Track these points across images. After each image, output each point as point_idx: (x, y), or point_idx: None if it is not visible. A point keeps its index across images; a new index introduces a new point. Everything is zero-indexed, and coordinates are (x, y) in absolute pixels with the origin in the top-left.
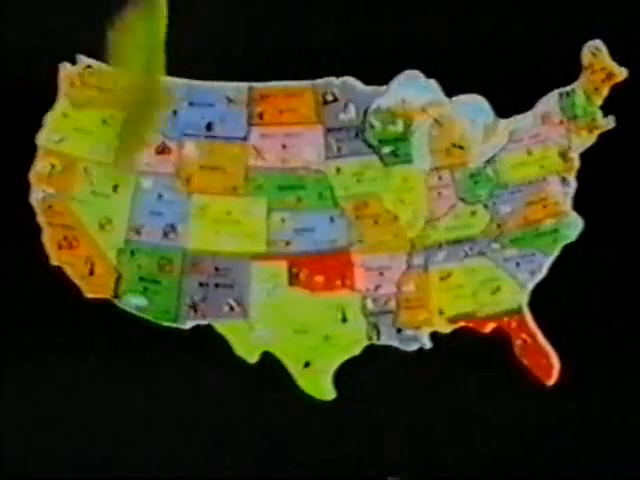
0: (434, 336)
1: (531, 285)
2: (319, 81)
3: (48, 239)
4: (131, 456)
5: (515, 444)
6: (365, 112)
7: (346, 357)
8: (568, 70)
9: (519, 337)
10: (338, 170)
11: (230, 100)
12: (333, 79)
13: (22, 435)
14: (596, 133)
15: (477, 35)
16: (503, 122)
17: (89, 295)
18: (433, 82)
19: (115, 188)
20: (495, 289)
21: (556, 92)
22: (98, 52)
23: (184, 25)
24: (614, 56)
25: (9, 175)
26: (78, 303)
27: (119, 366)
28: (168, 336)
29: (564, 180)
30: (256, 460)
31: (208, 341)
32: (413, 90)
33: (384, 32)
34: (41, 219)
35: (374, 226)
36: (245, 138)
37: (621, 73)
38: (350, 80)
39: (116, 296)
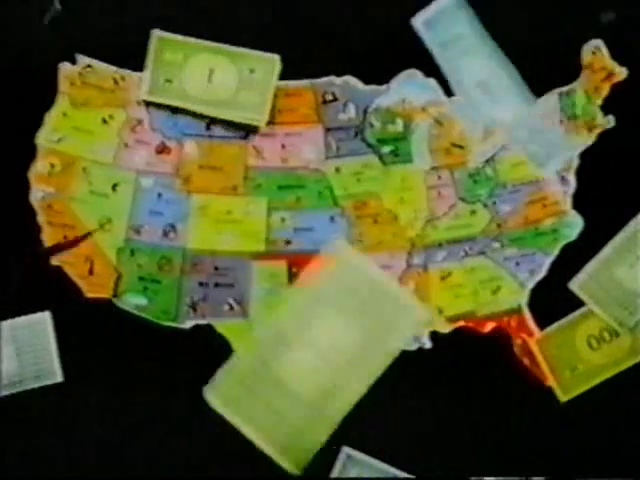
0: (434, 336)
1: (531, 284)
2: (319, 81)
3: (48, 239)
4: (130, 455)
5: (514, 443)
6: (365, 111)
7: None
8: (568, 70)
9: (519, 337)
10: (338, 170)
11: None
12: (333, 79)
13: (20, 434)
14: (596, 132)
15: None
16: None
17: (89, 295)
18: (433, 82)
19: (114, 187)
20: (495, 288)
21: (556, 91)
22: (98, 52)
23: (184, 24)
24: (614, 56)
25: (9, 175)
26: (78, 303)
27: (119, 365)
28: (168, 336)
29: (563, 179)
30: (256, 459)
31: (208, 341)
32: (413, 89)
33: (384, 32)
34: (41, 218)
35: (374, 225)
36: (245, 137)
37: (621, 73)
38: (350, 80)
39: (116, 296)
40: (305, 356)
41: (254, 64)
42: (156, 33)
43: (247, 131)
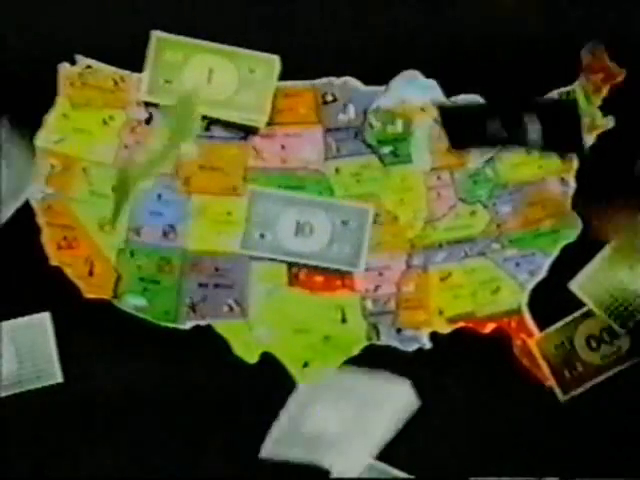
0: (434, 336)
1: (531, 285)
2: (319, 81)
3: (48, 239)
4: (130, 454)
5: (514, 443)
6: (365, 112)
7: (346, 357)
8: (568, 70)
9: (519, 337)
10: (337, 170)
11: None
12: (333, 79)
13: (20, 434)
14: (595, 133)
15: (477, 35)
16: None
17: (89, 295)
18: (433, 82)
19: (114, 188)
20: (495, 289)
21: (556, 92)
22: (98, 52)
23: (184, 23)
24: (614, 56)
25: None
26: (78, 304)
27: (118, 365)
28: (168, 336)
29: (563, 180)
30: (256, 459)
31: (208, 341)
32: (413, 90)
33: (384, 32)
34: (41, 219)
35: (374, 226)
36: (244, 138)
37: (621, 73)
38: (350, 80)
39: (115, 296)
40: None
41: (254, 64)
42: (156, 33)
43: (246, 132)
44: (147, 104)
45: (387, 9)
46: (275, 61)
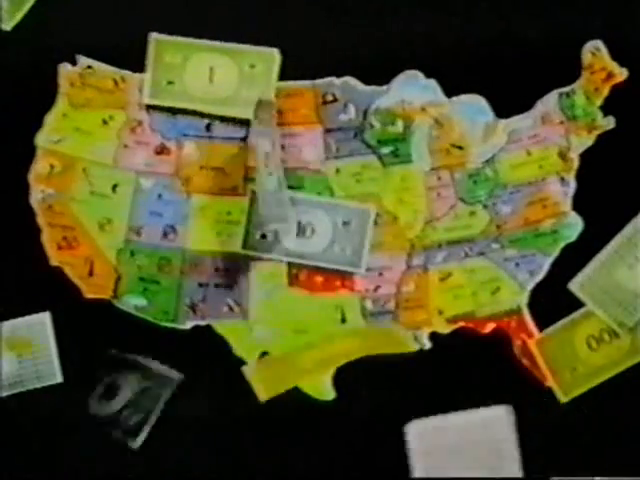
0: (434, 336)
1: (531, 285)
2: (319, 81)
3: (48, 239)
4: (130, 456)
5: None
6: (365, 112)
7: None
8: (568, 70)
9: (519, 337)
10: (337, 170)
11: None
12: (333, 79)
13: (20, 434)
14: (595, 133)
15: (477, 35)
16: (503, 122)
17: (89, 295)
18: (433, 82)
19: (114, 188)
20: (495, 289)
21: (556, 92)
22: (98, 52)
23: (183, 24)
24: (614, 56)
25: (9, 175)
26: (78, 304)
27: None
28: (168, 336)
29: (563, 180)
30: (256, 460)
31: (208, 342)
32: (413, 90)
33: (384, 32)
34: (41, 219)
35: (373, 227)
36: (244, 138)
37: (621, 73)
38: (350, 80)
39: (115, 296)
40: None
41: (254, 59)
42: (153, 36)
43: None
44: (148, 105)
45: (387, 9)
46: (275, 54)
